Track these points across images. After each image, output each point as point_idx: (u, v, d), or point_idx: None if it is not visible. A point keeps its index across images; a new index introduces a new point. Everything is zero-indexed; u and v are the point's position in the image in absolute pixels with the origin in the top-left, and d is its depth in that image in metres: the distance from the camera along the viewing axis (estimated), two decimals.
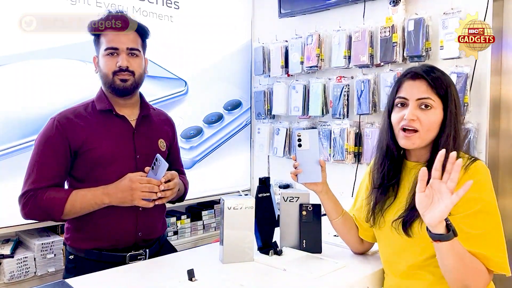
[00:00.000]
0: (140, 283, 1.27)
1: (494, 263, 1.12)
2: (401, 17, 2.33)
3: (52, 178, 1.50)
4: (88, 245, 1.53)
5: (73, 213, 1.48)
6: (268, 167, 3.25)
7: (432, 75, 1.21)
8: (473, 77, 2.09)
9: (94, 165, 1.52)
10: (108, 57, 1.54)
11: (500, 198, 2.08)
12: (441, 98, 1.21)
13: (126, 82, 1.54)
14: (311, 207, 1.54)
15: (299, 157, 1.40)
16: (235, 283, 1.22)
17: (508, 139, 2.05)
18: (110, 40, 1.54)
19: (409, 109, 1.21)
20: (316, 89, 2.71)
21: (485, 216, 1.13)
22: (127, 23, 1.56)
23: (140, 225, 1.56)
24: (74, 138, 1.51)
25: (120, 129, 1.58)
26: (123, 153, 1.54)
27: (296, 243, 1.54)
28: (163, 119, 1.77)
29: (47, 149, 1.51)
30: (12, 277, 2.17)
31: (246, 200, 1.41)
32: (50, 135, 1.51)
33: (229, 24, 3.19)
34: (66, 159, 1.51)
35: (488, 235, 1.13)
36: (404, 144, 1.24)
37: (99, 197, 1.46)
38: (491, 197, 1.15)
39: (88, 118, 1.56)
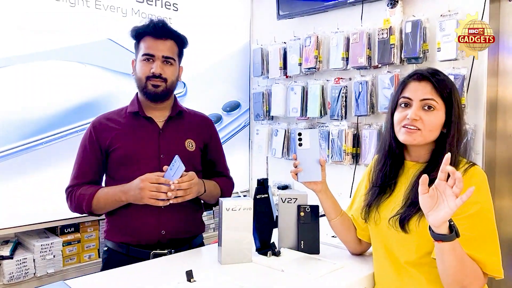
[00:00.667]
0: (139, 284, 1.27)
1: (488, 266, 1.14)
2: (399, 19, 2.34)
3: (87, 176, 1.66)
4: (118, 239, 1.64)
5: (100, 208, 1.61)
6: (267, 168, 3.26)
7: (437, 78, 1.24)
8: (470, 78, 2.11)
9: (120, 164, 1.62)
10: (144, 62, 1.63)
11: (497, 198, 2.09)
12: (444, 101, 1.23)
13: (157, 88, 1.62)
14: (309, 208, 1.54)
15: (300, 156, 1.40)
16: (233, 284, 1.23)
17: (504, 140, 2.06)
18: (148, 46, 1.62)
19: (412, 109, 1.24)
20: (314, 90, 2.72)
21: (481, 220, 1.15)
22: (165, 32, 1.65)
23: (162, 223, 1.60)
24: (103, 139, 1.63)
25: (146, 130, 1.65)
26: (147, 153, 1.61)
27: (294, 244, 1.55)
28: (198, 120, 1.80)
29: (83, 150, 1.67)
30: (11, 278, 2.18)
31: (244, 201, 1.42)
32: (86, 137, 1.67)
33: (227, 26, 3.20)
34: (98, 158, 1.65)
35: (483, 238, 1.14)
36: (404, 139, 1.26)
37: (117, 194, 1.56)
38: (487, 201, 1.17)
39: (118, 120, 1.67)
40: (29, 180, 2.28)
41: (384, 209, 1.32)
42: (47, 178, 2.32)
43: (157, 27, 1.63)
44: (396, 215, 1.25)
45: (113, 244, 1.65)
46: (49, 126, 2.33)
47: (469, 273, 1.12)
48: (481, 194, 1.17)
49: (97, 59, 2.51)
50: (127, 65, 2.63)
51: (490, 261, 1.14)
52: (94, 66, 2.50)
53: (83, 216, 2.40)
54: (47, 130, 2.33)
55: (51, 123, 2.34)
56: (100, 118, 1.69)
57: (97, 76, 2.51)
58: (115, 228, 1.65)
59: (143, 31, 1.64)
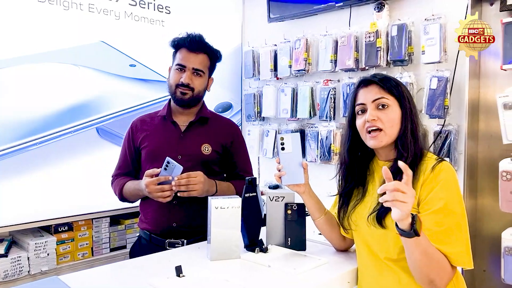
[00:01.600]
0: (130, 279, 1.31)
1: (454, 258, 1.19)
2: (385, 22, 2.40)
3: (124, 168, 1.92)
4: (143, 226, 1.87)
5: (128, 197, 1.86)
6: (258, 168, 3.31)
7: (381, 78, 1.33)
8: (453, 80, 2.17)
9: (145, 160, 1.85)
10: (176, 71, 1.82)
11: (479, 197, 2.16)
12: (395, 96, 1.31)
13: (184, 95, 1.80)
14: (296, 207, 1.59)
15: (282, 159, 1.44)
16: (220, 279, 1.28)
17: (486, 140, 2.12)
18: (182, 58, 1.81)
19: (368, 111, 1.31)
20: (304, 92, 2.78)
21: (446, 214, 1.19)
22: (199, 46, 1.83)
23: (174, 216, 1.79)
24: (137, 138, 1.87)
25: (169, 132, 1.85)
26: (167, 153, 1.74)
27: (282, 241, 1.60)
28: (221, 125, 1.95)
29: (123, 146, 1.93)
30: (6, 275, 2.22)
31: (233, 200, 1.47)
32: (126, 136, 1.92)
33: (220, 28, 3.24)
34: (133, 154, 1.89)
35: (448, 232, 1.19)
36: (373, 144, 1.32)
37: (136, 189, 1.79)
38: (453, 196, 1.21)
39: (149, 122, 1.90)
40: (24, 180, 2.32)
41: (361, 210, 1.38)
42: (41, 178, 2.36)
43: (192, 41, 1.81)
44: (373, 212, 1.30)
45: (141, 232, 1.90)
46: (44, 127, 2.38)
47: (435, 267, 1.17)
48: (447, 189, 1.21)
49: (91, 61, 2.55)
50: (119, 67, 2.70)
51: (456, 253, 1.19)
52: (88, 68, 2.54)
53: (76, 215, 2.48)
54: (41, 131, 2.37)
55: (46, 124, 2.38)
56: (137, 120, 1.93)
57: (91, 78, 2.55)
58: (143, 217, 1.89)
59: (180, 43, 1.82)
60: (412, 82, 2.28)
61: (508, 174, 1.85)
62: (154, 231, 1.83)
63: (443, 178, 1.22)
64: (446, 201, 1.20)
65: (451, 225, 1.19)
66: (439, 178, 1.21)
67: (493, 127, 2.06)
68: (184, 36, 1.83)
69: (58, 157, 2.41)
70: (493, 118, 2.00)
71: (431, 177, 1.22)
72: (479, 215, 2.16)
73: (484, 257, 2.16)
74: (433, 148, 2.24)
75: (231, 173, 1.95)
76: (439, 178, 1.21)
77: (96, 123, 2.56)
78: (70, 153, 2.47)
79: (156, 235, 1.82)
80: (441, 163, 1.26)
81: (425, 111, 2.22)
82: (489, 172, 2.08)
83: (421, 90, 2.29)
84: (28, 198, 2.32)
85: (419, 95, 2.29)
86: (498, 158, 1.91)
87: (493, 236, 2.07)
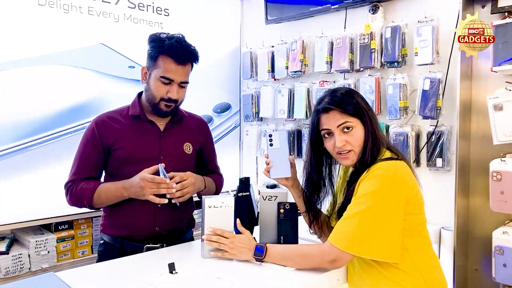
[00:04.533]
0: (124, 275, 1.35)
1: (332, 235, 1.31)
2: (379, 24, 2.44)
3: (87, 172, 1.71)
4: (114, 232, 1.72)
5: (100, 202, 1.67)
6: (257, 168, 3.35)
7: (339, 102, 1.37)
8: (445, 82, 2.20)
9: (121, 163, 1.68)
10: (161, 83, 1.65)
11: (471, 197, 2.18)
12: (355, 116, 1.37)
13: (169, 108, 1.69)
14: (289, 206, 1.61)
15: (271, 154, 1.52)
16: (212, 276, 1.31)
17: (477, 141, 2.15)
18: (168, 70, 1.63)
19: (336, 137, 1.37)
20: (300, 92, 2.81)
21: (358, 203, 1.28)
22: (187, 57, 1.65)
23: (158, 220, 1.69)
24: (107, 138, 1.68)
25: (148, 133, 1.72)
26: (148, 154, 1.68)
27: (275, 239, 1.62)
28: (195, 122, 1.88)
29: (85, 146, 1.71)
30: (7, 272, 2.27)
31: (226, 199, 1.50)
32: (88, 134, 1.71)
33: (218, 30, 3.29)
34: (99, 156, 1.70)
35: (346, 218, 1.29)
36: (345, 164, 1.42)
37: (119, 190, 1.63)
38: (376, 188, 1.27)
39: (120, 121, 1.72)
40: (25, 179, 2.36)
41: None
42: (42, 177, 2.41)
43: (179, 52, 1.62)
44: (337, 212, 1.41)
45: (108, 238, 1.73)
46: (44, 127, 2.42)
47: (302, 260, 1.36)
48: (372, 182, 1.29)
49: (90, 63, 2.59)
50: (119, 69, 2.74)
51: (336, 232, 1.31)
52: (87, 70, 2.58)
53: (77, 214, 2.50)
54: (42, 131, 2.42)
55: (46, 124, 2.43)
56: (102, 117, 1.73)
57: (90, 79, 2.60)
58: (112, 222, 1.73)
59: (167, 51, 1.62)
60: (406, 83, 2.31)
61: (498, 174, 1.88)
62: (130, 236, 1.69)
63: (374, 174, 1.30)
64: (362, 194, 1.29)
65: (351, 214, 1.28)
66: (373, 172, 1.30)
67: (485, 127, 2.09)
68: (170, 43, 1.62)
69: (58, 157, 2.46)
70: (485, 119, 2.03)
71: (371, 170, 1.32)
72: (470, 214, 2.19)
73: (475, 256, 2.19)
74: (426, 148, 2.28)
75: (203, 169, 1.89)
76: (370, 173, 1.31)
77: None
78: (70, 153, 2.47)
79: (133, 240, 1.69)
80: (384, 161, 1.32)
81: (418, 112, 2.26)
82: (481, 172, 2.10)
83: (414, 91, 2.32)
84: (29, 196, 2.37)
85: (412, 96, 2.33)
86: (489, 158, 1.93)
87: (485, 236, 2.09)
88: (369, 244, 1.26)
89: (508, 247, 1.87)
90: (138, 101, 1.76)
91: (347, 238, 1.26)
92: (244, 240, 1.44)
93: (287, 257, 1.38)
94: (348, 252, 1.27)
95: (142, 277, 1.29)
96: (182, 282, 1.27)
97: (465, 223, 2.18)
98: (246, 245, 1.43)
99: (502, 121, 1.87)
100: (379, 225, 1.26)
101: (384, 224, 1.26)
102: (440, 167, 2.24)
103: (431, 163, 2.26)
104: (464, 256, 2.19)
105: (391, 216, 1.27)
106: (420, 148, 2.32)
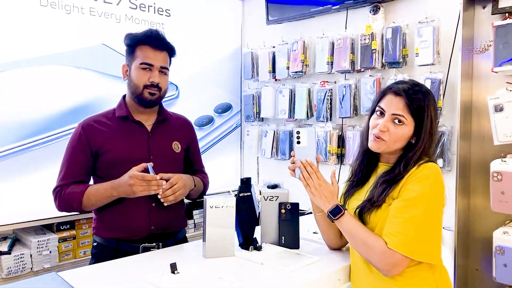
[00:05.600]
0: (126, 276, 1.36)
1: (390, 239, 1.26)
2: (380, 25, 2.44)
3: (76, 176, 1.70)
4: (108, 234, 1.71)
5: (90, 205, 1.67)
6: (258, 168, 3.36)
7: (413, 96, 1.34)
8: (446, 82, 2.21)
9: (111, 165, 1.68)
10: (142, 70, 1.68)
11: (471, 197, 2.19)
12: (414, 117, 1.34)
13: (153, 96, 1.70)
14: (290, 206, 1.62)
15: (298, 153, 1.46)
16: (214, 276, 1.32)
17: (478, 141, 2.15)
18: (147, 56, 1.68)
19: (383, 120, 1.35)
20: (301, 93, 2.82)
21: (411, 206, 1.26)
22: (164, 43, 1.72)
23: (153, 219, 1.70)
24: (94, 141, 1.69)
25: (135, 133, 1.73)
26: (138, 155, 1.68)
27: (276, 239, 1.64)
28: (181, 122, 1.90)
29: (72, 151, 1.71)
30: (9, 272, 2.28)
31: (228, 199, 1.51)
32: (75, 139, 1.72)
33: (219, 31, 3.30)
34: (88, 159, 1.70)
35: (403, 220, 1.26)
36: (371, 146, 1.39)
37: (108, 190, 1.63)
38: (426, 192, 1.27)
39: (107, 124, 1.73)
40: (27, 179, 2.37)
41: (354, 201, 1.46)
42: (44, 178, 2.41)
43: (157, 38, 1.69)
44: (357, 208, 1.39)
45: (102, 240, 1.73)
46: (46, 128, 2.43)
47: (361, 247, 1.32)
48: (423, 185, 1.28)
49: (92, 64, 2.60)
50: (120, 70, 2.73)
51: (393, 235, 1.26)
52: (89, 70, 2.59)
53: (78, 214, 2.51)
54: (43, 132, 2.42)
55: (48, 125, 2.44)
56: (89, 121, 1.73)
57: (92, 80, 2.61)
58: (105, 224, 1.72)
59: (142, 39, 1.69)
60: None
61: (499, 175, 1.88)
62: (125, 238, 1.69)
63: (422, 174, 1.29)
64: (416, 195, 1.27)
65: (408, 216, 1.26)
66: (421, 174, 1.29)
67: (485, 128, 2.09)
68: (145, 32, 1.70)
69: (60, 157, 2.44)
70: (485, 119, 2.03)
71: (415, 173, 1.31)
72: (471, 215, 2.19)
73: (476, 256, 2.19)
74: None
75: (189, 169, 1.90)
76: (420, 174, 1.29)
77: None
78: None
79: (128, 241, 1.69)
80: (427, 163, 1.32)
81: None
82: (482, 172, 2.11)
83: None
84: (31, 197, 2.38)
85: None
86: (490, 159, 1.94)
87: (485, 236, 2.10)
88: (428, 248, 1.26)
89: (509, 247, 1.87)
90: (123, 102, 1.77)
91: (409, 243, 1.24)
92: (332, 191, 1.40)
93: (352, 235, 1.35)
94: (409, 257, 1.25)
95: (144, 277, 1.30)
96: (184, 282, 1.27)
97: (465, 223, 2.18)
98: (330, 197, 1.39)
99: (502, 122, 1.87)
100: (433, 228, 1.27)
101: (437, 227, 1.28)
102: (441, 167, 2.23)
103: None
104: (465, 256, 2.19)
105: (440, 219, 1.29)
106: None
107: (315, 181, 1.40)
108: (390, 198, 1.33)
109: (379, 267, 1.29)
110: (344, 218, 1.35)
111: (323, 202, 1.39)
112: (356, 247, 1.36)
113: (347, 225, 1.35)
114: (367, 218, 1.36)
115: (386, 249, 1.26)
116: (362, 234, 1.32)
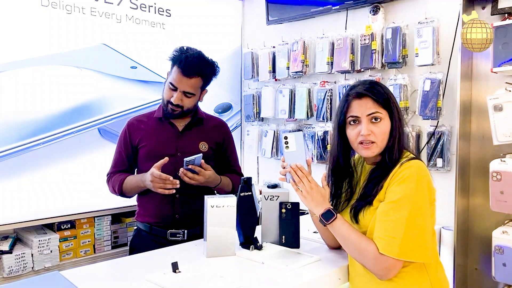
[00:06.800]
0: (128, 274, 1.37)
1: (380, 244, 1.26)
2: (380, 25, 2.45)
3: (120, 166, 2.00)
4: (144, 219, 1.98)
5: (127, 192, 1.96)
6: (258, 168, 3.36)
7: (374, 91, 1.37)
8: (446, 82, 2.22)
9: (145, 158, 1.94)
10: (169, 88, 1.90)
11: (471, 197, 2.20)
12: (386, 108, 1.37)
13: (174, 112, 1.92)
14: (290, 205, 1.64)
15: (287, 158, 1.47)
16: (215, 275, 1.33)
17: (478, 141, 2.16)
18: (174, 79, 1.88)
19: (363, 125, 1.36)
20: (301, 93, 2.82)
21: (396, 208, 1.27)
22: (192, 71, 1.86)
23: (176, 209, 1.93)
24: (134, 137, 1.97)
25: (167, 132, 1.96)
26: (166, 151, 1.89)
27: (276, 238, 1.65)
28: (214, 124, 2.09)
29: (119, 145, 2.01)
30: (10, 271, 2.28)
31: (228, 199, 1.53)
32: (122, 135, 2.01)
33: (219, 31, 3.30)
34: (129, 152, 1.98)
35: (389, 222, 1.27)
36: (365, 154, 1.40)
37: (138, 182, 1.90)
38: (411, 191, 1.28)
39: (147, 122, 2.00)
40: (28, 179, 2.38)
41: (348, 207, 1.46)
42: (45, 177, 2.43)
43: (186, 66, 1.84)
44: (352, 208, 1.40)
45: (140, 224, 1.99)
46: (47, 127, 2.44)
47: (354, 251, 1.33)
48: (406, 185, 1.28)
49: (93, 64, 2.61)
50: (121, 69, 2.76)
51: (383, 239, 1.26)
52: (90, 70, 2.60)
53: (79, 213, 2.53)
54: (44, 132, 2.43)
55: (49, 124, 2.44)
56: (133, 120, 2.02)
57: (93, 79, 2.62)
58: (142, 210, 2.00)
59: (176, 63, 1.87)
60: (406, 84, 2.33)
61: (498, 175, 1.89)
62: (155, 223, 1.94)
63: (405, 174, 1.30)
64: (401, 196, 1.27)
65: (395, 218, 1.26)
66: (402, 174, 1.30)
67: (485, 128, 2.10)
68: (181, 55, 1.87)
69: (61, 157, 2.48)
70: (485, 119, 2.04)
71: (398, 172, 1.32)
72: (470, 214, 2.20)
73: (475, 255, 2.20)
74: (427, 149, 2.29)
75: (224, 167, 2.07)
76: (402, 174, 1.30)
77: (98, 123, 2.62)
78: (73, 152, 2.54)
79: (158, 226, 1.93)
80: (411, 161, 1.33)
81: (419, 113, 2.27)
82: (481, 172, 2.12)
83: (415, 92, 2.34)
84: (32, 196, 2.39)
85: (413, 96, 2.34)
86: (489, 159, 1.94)
87: (484, 235, 2.11)
88: (418, 248, 1.26)
89: (508, 247, 1.88)
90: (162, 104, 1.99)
91: (398, 246, 1.24)
92: (323, 195, 1.41)
93: (345, 239, 1.36)
94: (401, 259, 1.26)
95: (146, 276, 1.31)
96: (185, 281, 1.29)
97: (465, 223, 2.19)
98: (321, 201, 1.40)
99: (502, 122, 1.88)
100: (421, 227, 1.27)
101: (425, 225, 1.28)
102: (441, 167, 2.25)
103: (432, 163, 2.27)
104: (464, 255, 2.20)
105: (427, 217, 1.29)
106: (421, 149, 2.33)
107: (306, 185, 1.41)
108: (377, 201, 1.34)
109: (374, 272, 1.30)
110: (336, 222, 1.37)
111: (315, 205, 1.41)
112: (349, 252, 1.39)
113: (340, 229, 1.37)
114: (360, 217, 1.37)
115: (378, 254, 1.26)
116: (355, 239, 1.33)
